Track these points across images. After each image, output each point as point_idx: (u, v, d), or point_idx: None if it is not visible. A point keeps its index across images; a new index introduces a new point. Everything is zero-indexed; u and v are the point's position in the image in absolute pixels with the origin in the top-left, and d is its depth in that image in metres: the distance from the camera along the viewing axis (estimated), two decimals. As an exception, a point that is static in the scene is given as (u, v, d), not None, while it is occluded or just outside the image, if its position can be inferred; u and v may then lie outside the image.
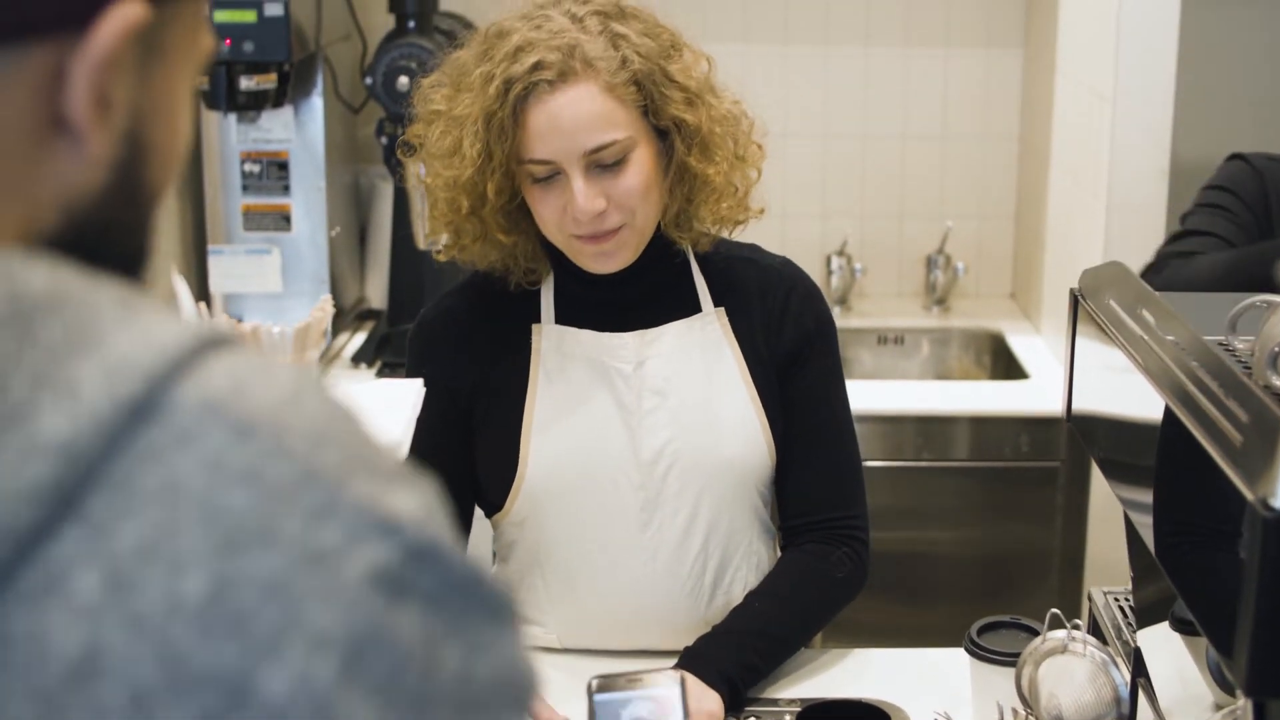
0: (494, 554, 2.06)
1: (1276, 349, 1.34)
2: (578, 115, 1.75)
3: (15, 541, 0.50)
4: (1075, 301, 1.68)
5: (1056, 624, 1.58)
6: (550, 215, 1.81)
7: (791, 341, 1.95)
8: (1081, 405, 1.69)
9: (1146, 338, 1.42)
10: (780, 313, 1.95)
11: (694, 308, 1.94)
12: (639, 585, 1.92)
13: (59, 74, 0.59)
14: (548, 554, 1.94)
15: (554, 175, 1.79)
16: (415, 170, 1.92)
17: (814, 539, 1.96)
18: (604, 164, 1.78)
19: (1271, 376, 1.38)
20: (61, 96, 0.60)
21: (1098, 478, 3.05)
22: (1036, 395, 3.15)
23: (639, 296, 1.93)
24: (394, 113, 3.06)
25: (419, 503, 0.56)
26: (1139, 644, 1.63)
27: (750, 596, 1.92)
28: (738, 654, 1.85)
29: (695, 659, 1.83)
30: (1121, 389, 1.48)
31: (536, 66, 1.74)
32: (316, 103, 3.19)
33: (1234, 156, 2.47)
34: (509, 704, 0.57)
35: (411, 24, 3.13)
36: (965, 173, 3.77)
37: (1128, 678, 1.56)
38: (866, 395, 3.10)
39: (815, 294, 2.00)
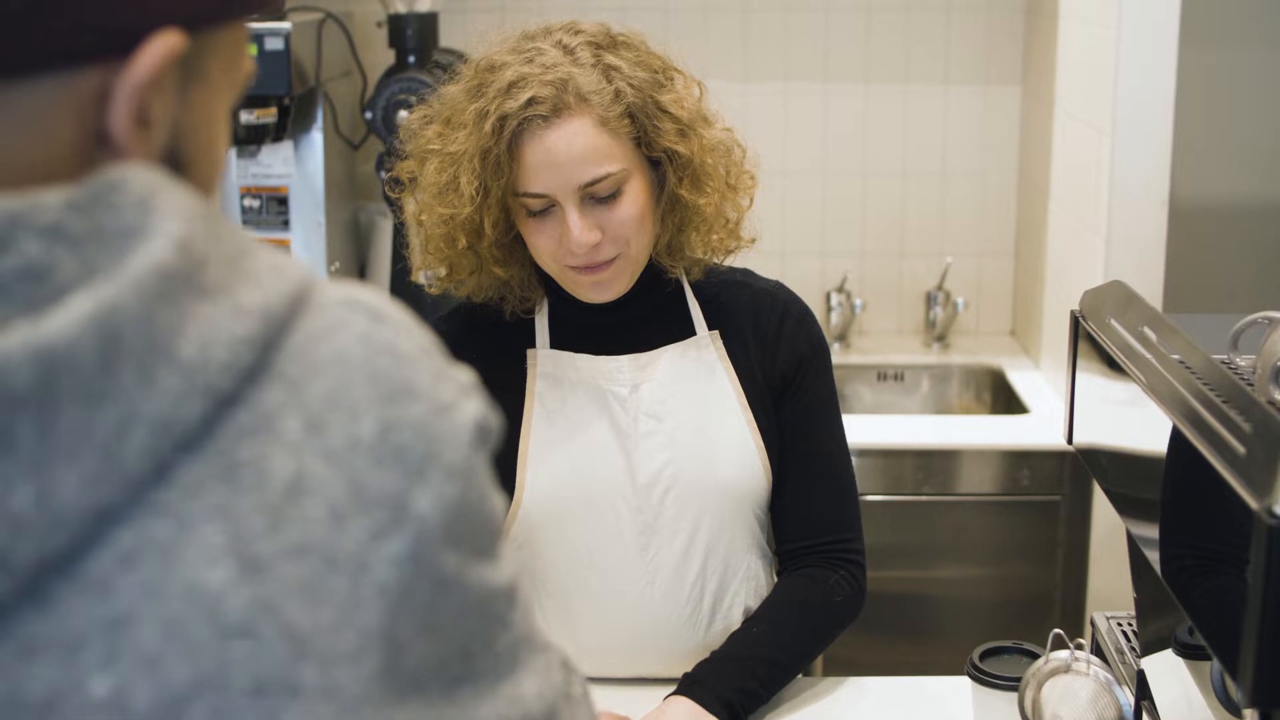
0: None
1: (1279, 364, 1.33)
2: (572, 150, 1.75)
3: (236, 377, 0.64)
4: (1076, 322, 1.67)
5: (1059, 645, 1.57)
6: (546, 247, 1.81)
7: (786, 365, 1.94)
8: (1084, 427, 1.68)
9: (1149, 355, 1.42)
10: (774, 336, 1.95)
11: (688, 331, 1.94)
12: (638, 609, 1.91)
13: (104, 95, 0.68)
14: (545, 579, 1.93)
15: (549, 208, 1.79)
16: (410, 206, 1.91)
17: (811, 563, 1.95)
18: (598, 196, 1.78)
19: (1274, 391, 1.38)
20: (106, 115, 0.68)
21: (1099, 511, 3.04)
22: (1037, 429, 3.14)
23: (633, 321, 1.93)
24: (393, 147, 3.06)
25: None
26: (1142, 667, 1.62)
27: (749, 622, 1.91)
28: (737, 679, 1.83)
29: (695, 685, 1.82)
30: (1125, 410, 1.47)
31: (530, 102, 1.74)
32: (316, 138, 3.20)
33: None
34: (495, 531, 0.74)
35: (411, 59, 3.14)
36: (965, 209, 3.77)
37: (1131, 698, 1.54)
38: (867, 429, 3.09)
39: (809, 318, 1.99)
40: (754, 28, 3.69)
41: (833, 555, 1.95)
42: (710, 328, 1.94)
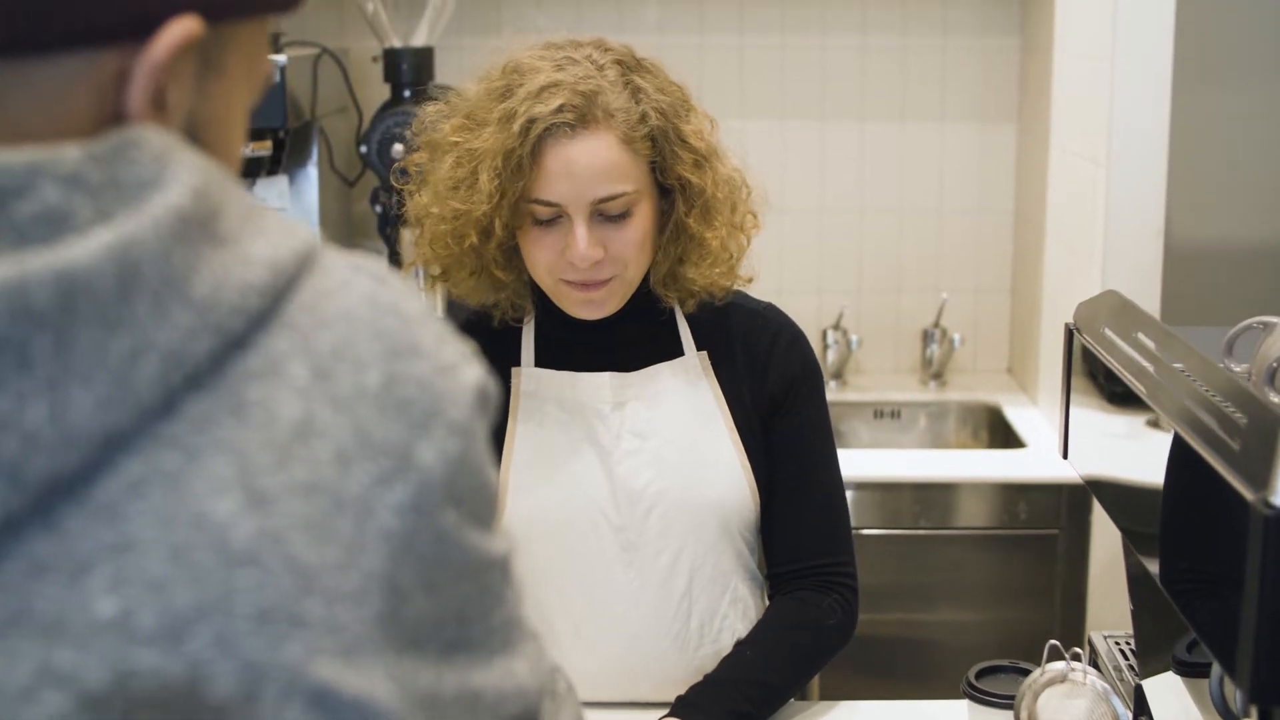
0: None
1: (1275, 364, 1.32)
2: (593, 163, 1.75)
3: (246, 321, 0.67)
4: (1070, 335, 1.66)
5: (1056, 656, 1.55)
6: (544, 257, 1.81)
7: (776, 386, 1.93)
8: (1079, 444, 1.66)
9: (1144, 361, 1.41)
10: (765, 357, 1.94)
11: (676, 351, 1.93)
12: (623, 630, 1.88)
13: (123, 76, 0.70)
14: (528, 599, 1.90)
15: (556, 218, 1.78)
16: (408, 235, 1.91)
17: (803, 586, 1.93)
18: (608, 214, 1.78)
19: (1271, 394, 1.37)
20: (123, 95, 0.70)
21: (1097, 545, 3.02)
22: (1034, 462, 3.13)
23: (621, 340, 1.92)
24: (387, 181, 3.06)
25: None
26: (1141, 683, 1.60)
27: (741, 645, 1.89)
28: (731, 702, 1.81)
29: (687, 708, 1.80)
30: (1122, 419, 1.46)
31: (560, 109, 1.73)
32: (311, 173, 3.20)
33: None
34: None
35: (407, 93, 3.14)
36: (961, 247, 3.77)
37: (1129, 711, 1.52)
38: (863, 463, 3.08)
39: (801, 340, 1.98)
40: (750, 65, 3.70)
41: (825, 578, 1.93)
42: (699, 348, 1.93)
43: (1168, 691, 1.61)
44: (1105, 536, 2.99)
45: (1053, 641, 1.55)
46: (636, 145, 1.77)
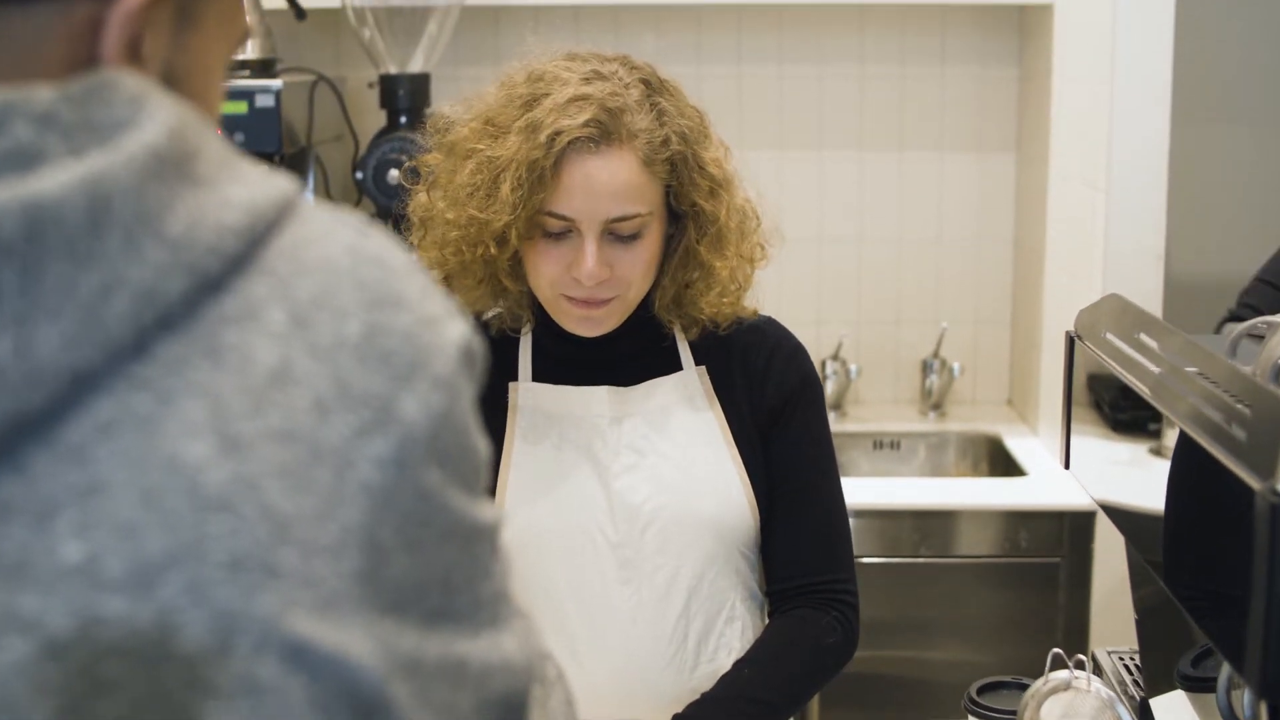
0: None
1: (1279, 363, 1.30)
2: (611, 182, 1.73)
3: (222, 262, 0.65)
4: (1071, 342, 1.64)
5: (1059, 664, 1.52)
6: (549, 271, 1.78)
7: (774, 400, 1.90)
8: (1082, 465, 1.63)
9: (1147, 362, 1.38)
10: (763, 371, 1.91)
11: (674, 366, 1.91)
12: (620, 649, 1.85)
13: (97, 24, 0.69)
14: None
15: (566, 232, 1.76)
16: (421, 198, 1.87)
17: (802, 604, 1.89)
18: (619, 234, 1.75)
19: (1277, 390, 1.34)
20: (98, 43, 0.69)
21: (1100, 574, 2.98)
22: (1035, 490, 3.10)
23: (619, 354, 1.89)
24: (383, 206, 3.05)
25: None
26: (1145, 696, 1.57)
27: (739, 663, 1.85)
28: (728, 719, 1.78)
29: (685, 726, 1.77)
30: (1128, 455, 1.44)
31: (587, 123, 1.71)
32: (307, 200, 3.17)
33: None
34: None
35: (403, 120, 3.13)
36: (960, 277, 3.75)
37: (1135, 718, 1.49)
38: (863, 491, 3.05)
39: (799, 352, 1.96)
40: (748, 94, 3.69)
41: (825, 596, 1.90)
42: (698, 363, 1.91)
43: (1174, 709, 1.59)
44: (1108, 565, 2.96)
45: (1056, 650, 1.51)
46: (655, 168, 1.75)
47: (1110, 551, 2.93)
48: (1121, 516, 1.50)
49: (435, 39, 3.22)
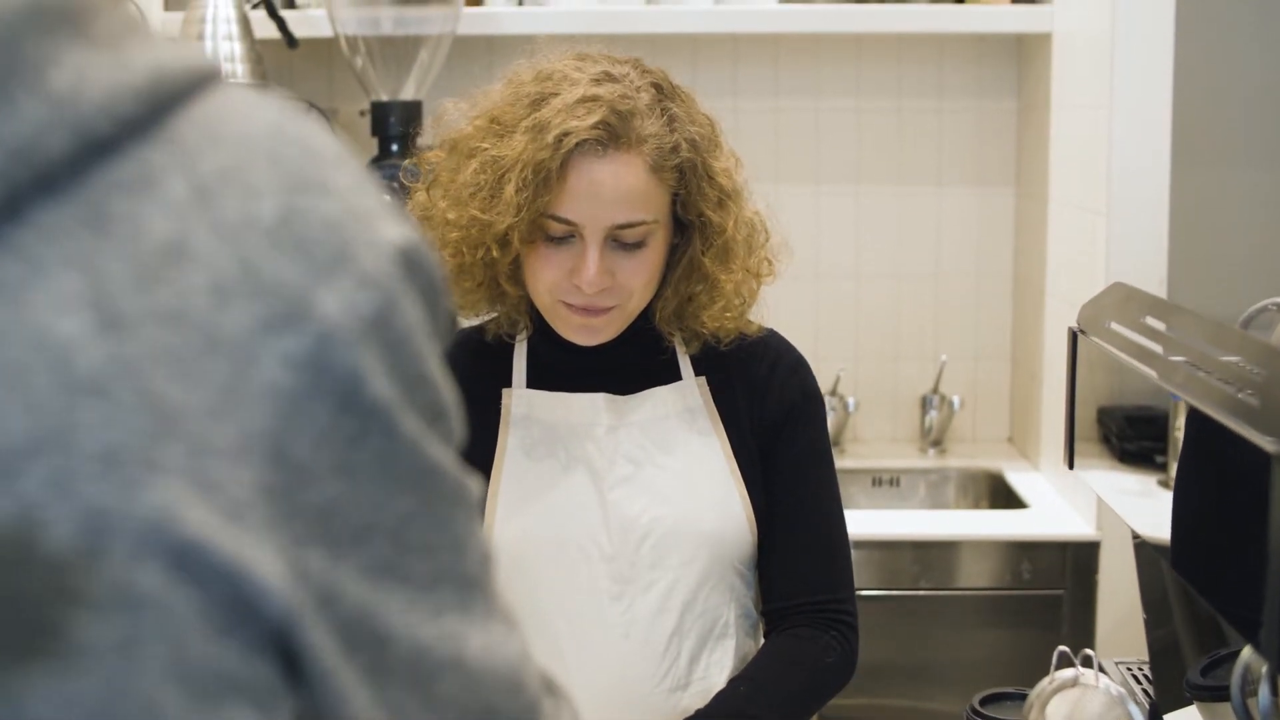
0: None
1: (1292, 339, 1.25)
2: (618, 187, 1.68)
3: (114, 125, 0.57)
4: (1074, 338, 1.59)
5: (1065, 663, 1.46)
6: (549, 276, 1.73)
7: (775, 413, 1.85)
8: (1086, 473, 1.59)
9: (1153, 345, 1.34)
10: (764, 383, 1.86)
11: (673, 376, 1.85)
12: (611, 665, 1.79)
13: None
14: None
15: (568, 237, 1.71)
16: (420, 196, 1.82)
17: (801, 623, 1.83)
18: (624, 242, 1.71)
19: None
20: None
21: (1104, 605, 2.93)
22: (1037, 521, 3.04)
23: (617, 363, 1.84)
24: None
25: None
26: (1155, 701, 1.52)
27: (735, 680, 1.79)
28: (723, 738, 1.72)
29: (678, 742, 1.71)
30: (1137, 486, 1.40)
31: (596, 125, 1.66)
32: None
33: None
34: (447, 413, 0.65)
35: (394, 147, 3.10)
36: (960, 313, 3.71)
37: (1145, 715, 1.43)
38: (862, 522, 2.99)
39: (801, 366, 1.91)
40: (743, 129, 3.65)
41: (824, 615, 1.84)
42: (697, 374, 1.86)
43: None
44: (1112, 596, 2.90)
45: (1061, 648, 1.46)
46: (664, 175, 1.71)
47: (1115, 583, 2.88)
48: (1127, 511, 1.45)
49: (427, 67, 3.19)
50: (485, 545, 0.66)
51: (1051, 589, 2.96)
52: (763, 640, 1.89)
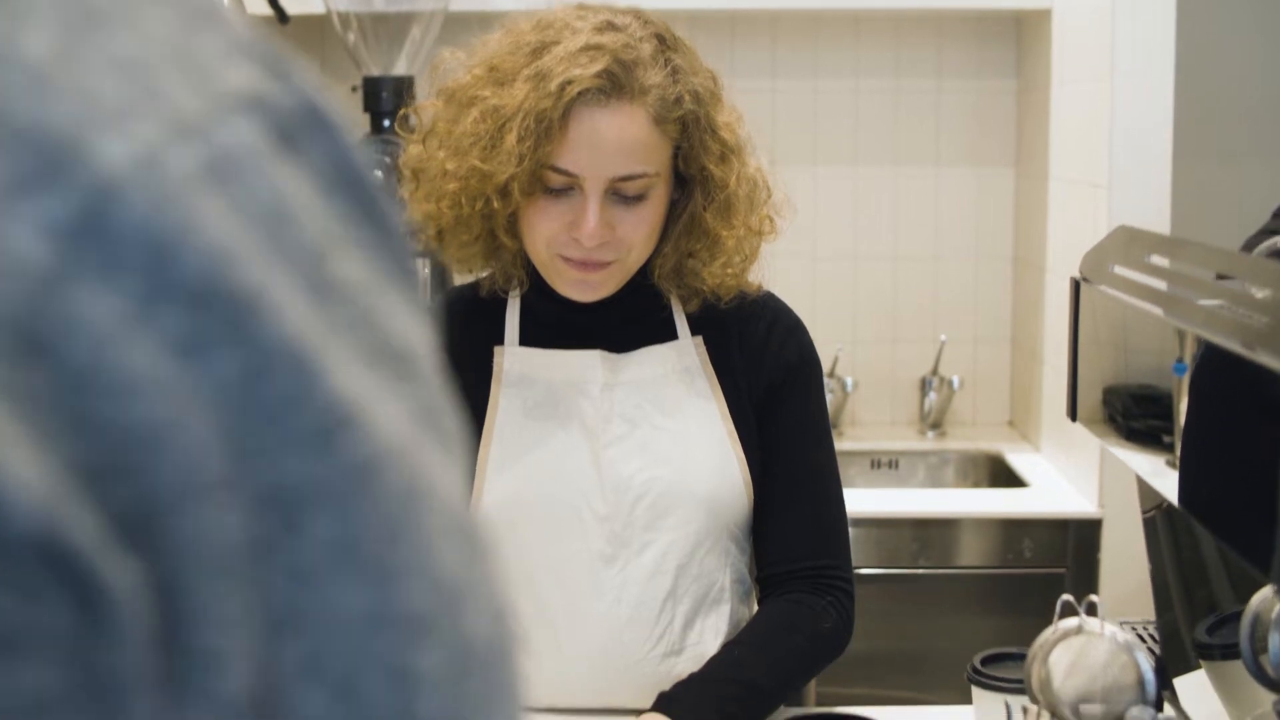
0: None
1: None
2: (620, 138, 1.65)
3: None
4: (1076, 288, 1.56)
5: (1069, 612, 1.42)
6: (547, 229, 1.69)
7: (771, 374, 1.82)
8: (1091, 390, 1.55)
9: (1157, 283, 1.31)
10: (761, 344, 1.83)
11: (669, 335, 1.82)
12: (604, 629, 1.74)
13: None
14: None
15: (568, 189, 1.67)
16: (414, 149, 1.79)
17: (796, 588, 1.80)
18: (624, 194, 1.67)
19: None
20: None
21: (1106, 584, 2.89)
22: (1038, 499, 3.00)
23: (612, 321, 1.80)
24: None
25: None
26: (1159, 654, 1.48)
27: (730, 644, 1.75)
28: (717, 701, 1.67)
29: (672, 703, 1.66)
30: (1146, 466, 1.36)
31: (599, 74, 1.63)
32: None
33: None
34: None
35: (386, 122, 3.06)
36: (959, 295, 3.67)
37: (1153, 662, 1.39)
38: (861, 499, 2.95)
39: (799, 327, 1.88)
40: (741, 108, 3.62)
41: (820, 581, 1.80)
42: (694, 333, 1.82)
43: (1196, 686, 1.51)
44: (1115, 574, 2.86)
45: (1065, 597, 1.42)
46: (666, 127, 1.67)
47: (1117, 561, 2.84)
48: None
49: (419, 44, 3.16)
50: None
51: (1053, 567, 2.92)
52: (756, 607, 1.85)
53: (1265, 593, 1.31)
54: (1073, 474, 3.03)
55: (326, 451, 0.43)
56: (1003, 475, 3.34)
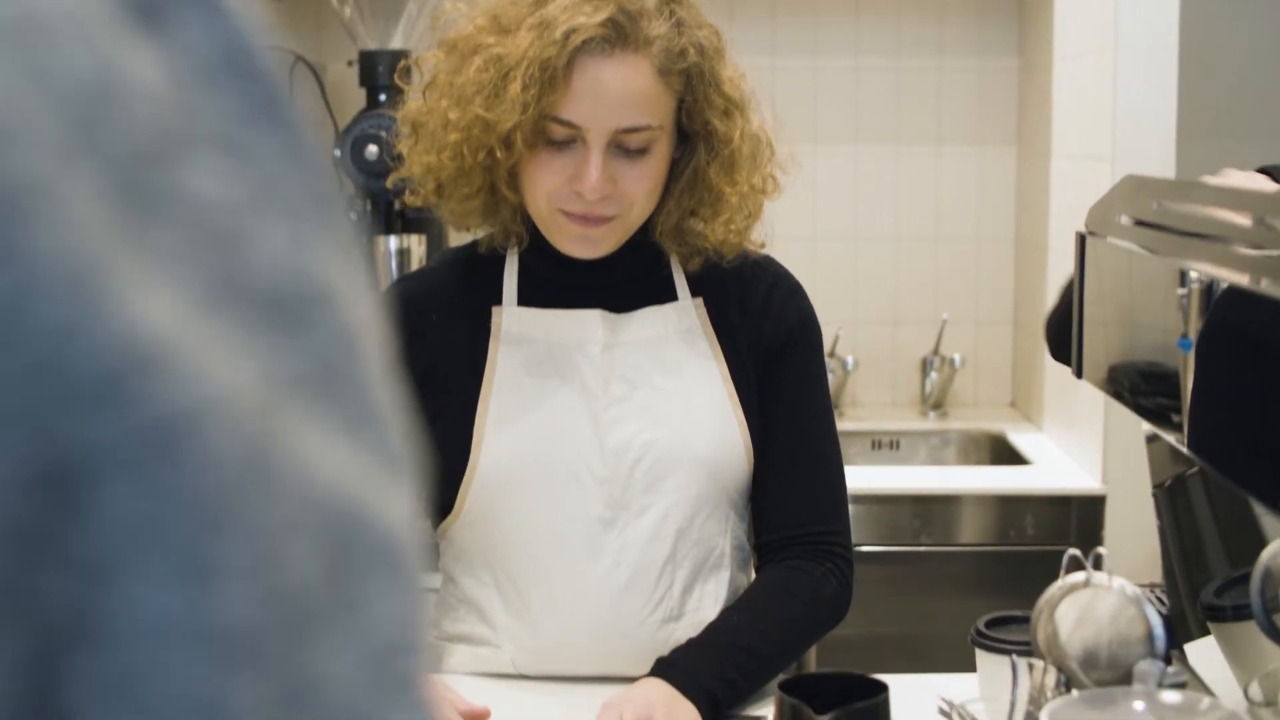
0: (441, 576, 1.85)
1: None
2: (625, 89, 1.62)
3: None
4: (1081, 241, 1.53)
5: (1075, 566, 1.39)
6: (548, 183, 1.66)
7: (771, 337, 1.79)
8: (1094, 353, 1.52)
9: (1164, 231, 1.28)
10: (762, 307, 1.80)
11: (669, 295, 1.79)
12: (601, 594, 1.71)
13: None
14: (501, 560, 1.74)
15: (570, 141, 1.65)
16: (414, 103, 1.76)
17: (795, 555, 1.77)
18: (627, 147, 1.65)
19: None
20: None
21: (1110, 559, 2.85)
22: (1040, 476, 2.97)
23: (611, 280, 1.78)
24: (361, 185, 2.95)
25: None
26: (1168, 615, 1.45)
27: (729, 610, 1.73)
28: (716, 667, 1.65)
29: (670, 669, 1.63)
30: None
31: (604, 23, 1.60)
32: None
33: None
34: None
35: (383, 97, 3.04)
36: (960, 276, 3.64)
37: (1161, 614, 1.36)
38: (861, 477, 2.92)
39: (800, 291, 1.86)
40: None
41: (819, 548, 1.78)
42: (694, 294, 1.79)
43: (1206, 649, 1.49)
44: (1120, 552, 2.82)
45: (1072, 551, 1.39)
46: (670, 79, 1.65)
47: (1122, 538, 2.80)
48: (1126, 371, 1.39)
49: (415, 18, 3.14)
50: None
51: (1056, 544, 2.88)
52: (754, 575, 1.82)
53: (1275, 546, 1.29)
54: (1076, 451, 3.01)
55: (115, 403, 0.33)
56: (1005, 454, 3.31)
